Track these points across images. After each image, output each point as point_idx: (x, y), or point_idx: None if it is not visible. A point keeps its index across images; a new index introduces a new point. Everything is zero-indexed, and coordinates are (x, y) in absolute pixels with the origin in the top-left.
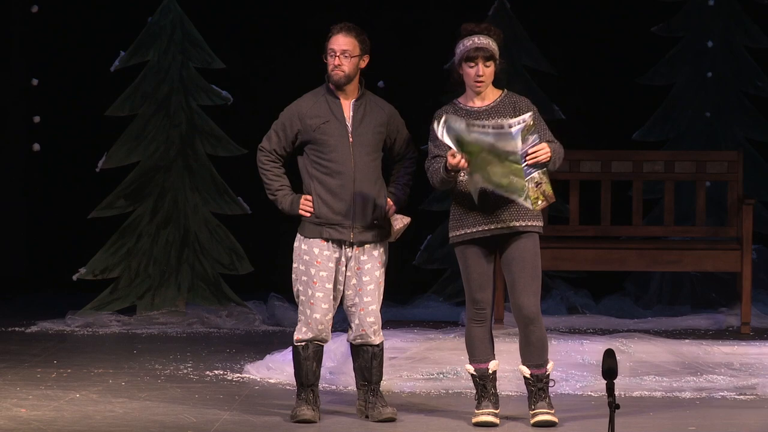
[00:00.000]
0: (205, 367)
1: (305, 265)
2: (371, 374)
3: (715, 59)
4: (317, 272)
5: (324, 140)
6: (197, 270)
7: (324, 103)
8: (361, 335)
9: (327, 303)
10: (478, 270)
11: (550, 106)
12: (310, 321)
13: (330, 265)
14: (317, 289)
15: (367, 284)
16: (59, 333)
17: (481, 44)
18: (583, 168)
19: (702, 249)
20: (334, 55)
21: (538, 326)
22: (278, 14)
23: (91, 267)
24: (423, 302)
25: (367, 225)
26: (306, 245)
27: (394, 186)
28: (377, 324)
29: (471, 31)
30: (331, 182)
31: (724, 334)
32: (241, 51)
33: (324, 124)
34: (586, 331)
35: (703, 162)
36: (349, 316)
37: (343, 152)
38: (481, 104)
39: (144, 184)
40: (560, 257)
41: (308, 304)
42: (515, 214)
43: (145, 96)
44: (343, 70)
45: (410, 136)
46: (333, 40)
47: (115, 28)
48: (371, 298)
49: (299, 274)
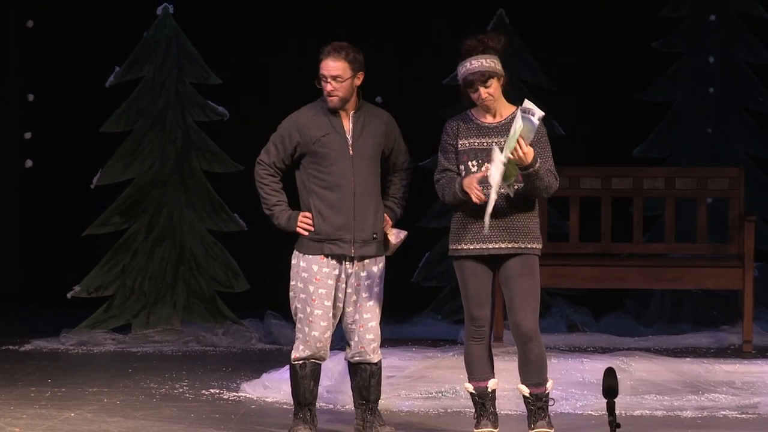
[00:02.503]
0: (201, 386)
1: (304, 282)
2: (369, 393)
3: (716, 75)
4: (316, 289)
5: (324, 153)
6: (193, 287)
7: (323, 115)
8: (360, 352)
9: (326, 321)
10: (476, 286)
11: (549, 122)
12: (308, 339)
13: (329, 282)
14: (316, 307)
15: (367, 300)
16: (53, 351)
17: (475, 68)
18: (583, 184)
19: (703, 266)
20: (326, 81)
21: (536, 344)
22: (275, 29)
23: (86, 285)
24: (421, 320)
25: (368, 239)
26: (305, 262)
27: (391, 200)
28: (376, 342)
29: (468, 49)
30: (331, 196)
31: (726, 352)
32: (238, 66)
33: (324, 136)
34: (586, 350)
35: (704, 178)
36: (349, 333)
37: (344, 165)
38: (493, 120)
39: (139, 200)
40: (560, 275)
41: (306, 321)
42: (515, 234)
43: (141, 112)
44: (336, 95)
45: (407, 147)
46: (323, 65)
47: (111, 43)
48: (371, 315)
49: (297, 292)
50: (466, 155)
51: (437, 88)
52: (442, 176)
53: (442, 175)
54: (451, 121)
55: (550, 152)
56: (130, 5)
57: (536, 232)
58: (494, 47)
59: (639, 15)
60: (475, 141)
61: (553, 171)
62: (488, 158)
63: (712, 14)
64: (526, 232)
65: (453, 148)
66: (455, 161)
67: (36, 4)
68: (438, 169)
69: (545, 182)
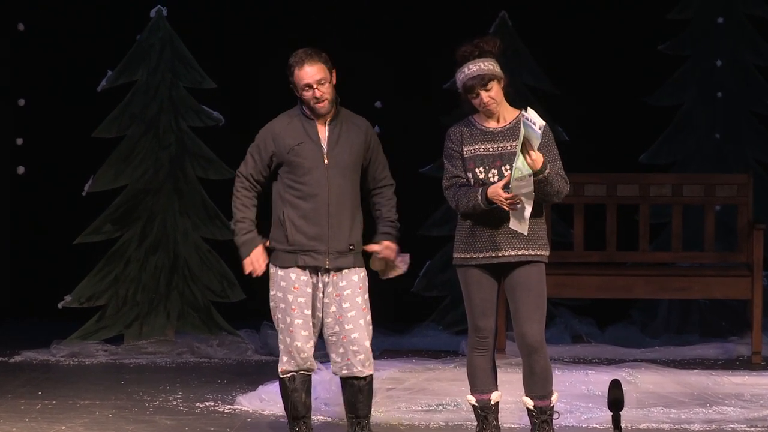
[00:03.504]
0: (196, 398)
1: (282, 291)
2: (357, 408)
3: (724, 78)
4: (295, 298)
5: (298, 162)
6: (187, 297)
7: (298, 123)
8: (347, 365)
9: (306, 330)
10: (480, 296)
11: (552, 127)
12: (291, 349)
13: (307, 290)
14: (296, 316)
15: (348, 311)
16: (44, 363)
17: (474, 72)
18: (587, 191)
19: (711, 275)
20: (311, 89)
21: (542, 355)
22: (273, 31)
23: (77, 294)
24: (422, 331)
25: (343, 250)
26: (282, 272)
27: (387, 225)
28: (363, 354)
29: (463, 55)
30: (305, 206)
31: (735, 363)
32: (233, 70)
33: (298, 145)
34: (591, 361)
35: (712, 185)
36: (330, 346)
37: (318, 175)
38: (496, 125)
39: (132, 208)
40: (564, 284)
41: (288, 332)
42: (524, 242)
43: (134, 117)
44: (326, 99)
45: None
46: (302, 74)
47: (103, 46)
48: (353, 326)
49: (277, 301)
50: (472, 162)
51: (438, 92)
52: (452, 183)
53: (453, 182)
54: (454, 127)
55: (558, 156)
56: (122, 7)
57: (544, 238)
58: (490, 50)
59: (645, 17)
60: (480, 147)
61: (563, 175)
62: (494, 164)
63: (719, 16)
64: (534, 239)
65: (459, 155)
66: (462, 167)
67: (26, 7)
68: (446, 176)
69: (556, 187)
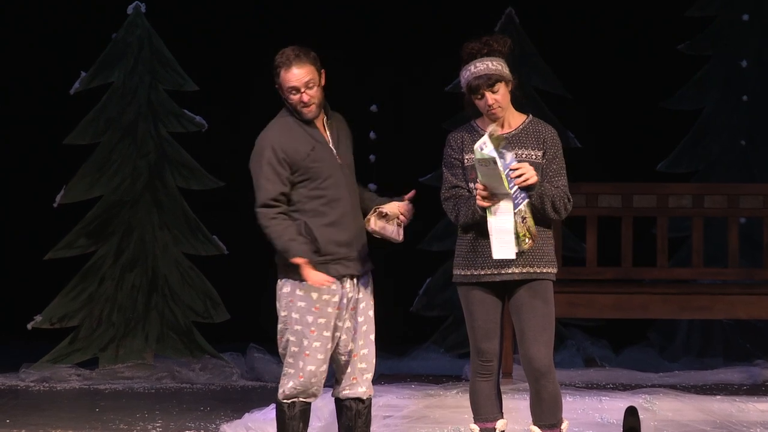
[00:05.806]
0: (176, 427)
1: (300, 312)
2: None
3: (749, 80)
4: (315, 319)
5: (316, 168)
6: (167, 318)
7: (298, 128)
8: (351, 385)
9: (323, 353)
10: (483, 317)
11: (563, 133)
12: (300, 374)
13: (329, 310)
14: (314, 339)
15: (362, 325)
16: (12, 388)
17: (480, 71)
18: (601, 203)
19: (735, 294)
20: (297, 93)
21: (550, 380)
22: (260, 30)
23: (48, 314)
24: (421, 353)
25: (367, 253)
26: (302, 290)
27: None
28: (369, 373)
29: (470, 53)
30: (331, 212)
31: (761, 389)
32: (217, 71)
33: (312, 150)
34: (605, 387)
35: (736, 196)
36: (340, 367)
37: (337, 177)
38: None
39: (107, 220)
40: (576, 303)
41: (302, 355)
42: (530, 258)
43: (109, 122)
44: (314, 103)
45: None
46: (289, 76)
47: (76, 45)
48: (364, 342)
49: (291, 323)
50: (474, 171)
51: (440, 95)
52: (452, 194)
53: (452, 192)
54: (455, 133)
55: (564, 171)
56: (97, 3)
57: (551, 254)
58: (500, 50)
59: (663, 15)
60: None
61: (567, 193)
62: None
63: (744, 13)
64: (541, 255)
65: (459, 163)
66: (463, 177)
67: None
68: (445, 186)
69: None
